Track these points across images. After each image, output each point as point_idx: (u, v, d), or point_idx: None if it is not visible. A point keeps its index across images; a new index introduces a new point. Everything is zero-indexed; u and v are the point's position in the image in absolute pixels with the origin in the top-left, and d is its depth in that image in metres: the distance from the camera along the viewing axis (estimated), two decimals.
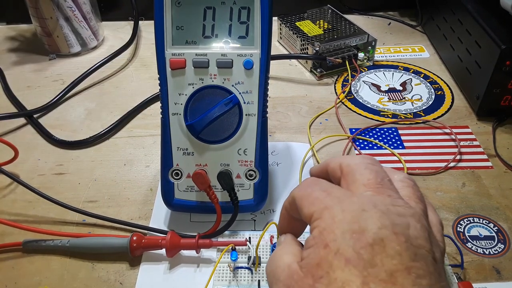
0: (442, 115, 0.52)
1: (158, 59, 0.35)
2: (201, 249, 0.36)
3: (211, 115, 0.35)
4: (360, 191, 0.24)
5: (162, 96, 0.36)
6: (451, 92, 0.56)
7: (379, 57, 0.64)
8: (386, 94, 0.56)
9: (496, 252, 0.36)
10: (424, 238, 0.22)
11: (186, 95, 0.36)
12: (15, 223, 0.38)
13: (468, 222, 0.39)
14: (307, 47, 0.60)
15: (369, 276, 0.20)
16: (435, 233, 0.24)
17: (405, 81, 0.59)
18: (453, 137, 0.48)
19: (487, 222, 0.39)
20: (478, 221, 0.39)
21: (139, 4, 0.71)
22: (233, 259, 0.34)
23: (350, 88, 0.57)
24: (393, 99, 0.55)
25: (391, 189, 0.24)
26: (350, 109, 0.54)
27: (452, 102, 0.54)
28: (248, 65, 0.35)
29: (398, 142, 0.48)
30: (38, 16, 0.62)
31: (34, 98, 0.57)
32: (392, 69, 0.61)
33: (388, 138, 0.49)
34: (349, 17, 0.66)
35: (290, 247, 0.26)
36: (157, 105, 0.53)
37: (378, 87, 0.58)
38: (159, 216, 0.40)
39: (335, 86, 0.58)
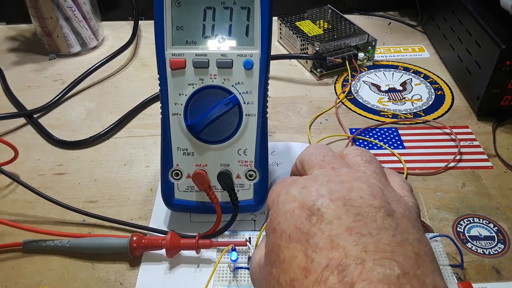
0: (442, 115, 0.52)
1: (158, 59, 0.35)
2: (201, 249, 0.36)
3: (211, 115, 0.35)
4: (309, 174, 0.25)
5: (162, 96, 0.36)
6: (451, 92, 0.56)
7: (379, 57, 0.64)
8: (386, 94, 0.56)
9: (496, 252, 0.36)
10: (371, 195, 0.21)
11: (186, 95, 0.36)
12: (15, 223, 0.38)
13: (468, 222, 0.39)
14: (307, 47, 0.60)
15: (310, 246, 0.20)
16: (398, 191, 0.24)
17: (405, 81, 0.59)
18: (453, 137, 0.48)
19: (487, 222, 0.39)
20: (478, 221, 0.39)
21: (139, 4, 0.71)
22: (233, 259, 0.34)
23: (350, 88, 0.57)
24: (393, 99, 0.55)
25: (335, 162, 0.25)
26: (350, 109, 0.54)
27: (452, 102, 0.55)
28: (248, 65, 0.35)
29: (398, 142, 0.48)
30: (38, 16, 0.62)
31: (34, 98, 0.57)
32: (392, 69, 0.61)
33: (388, 138, 0.49)
34: (349, 17, 0.66)
35: (260, 246, 0.26)
36: (157, 105, 0.53)
37: (378, 87, 0.58)
38: (159, 216, 0.40)
39: (335, 86, 0.58)
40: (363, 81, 0.59)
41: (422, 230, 0.22)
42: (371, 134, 0.50)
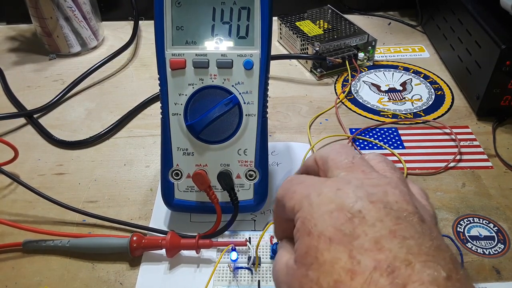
0: (442, 115, 0.52)
1: (158, 59, 0.35)
2: (201, 249, 0.36)
3: (211, 115, 0.35)
4: (335, 174, 0.25)
5: (162, 96, 0.36)
6: (451, 92, 0.56)
7: (379, 57, 0.64)
8: (386, 94, 0.56)
9: (496, 252, 0.36)
10: (405, 201, 0.21)
11: (186, 95, 0.36)
12: (15, 223, 0.38)
13: (468, 222, 0.39)
14: (307, 47, 0.60)
15: (354, 248, 0.20)
16: (419, 199, 0.24)
17: (405, 81, 0.59)
18: (453, 137, 0.48)
19: (487, 222, 0.39)
20: (478, 221, 0.39)
21: (139, 4, 0.71)
22: (233, 259, 0.34)
23: (350, 88, 0.57)
24: (393, 99, 0.55)
25: (364, 165, 0.25)
26: (350, 109, 0.54)
27: (452, 102, 0.54)
28: (248, 65, 0.35)
29: (398, 142, 0.48)
30: (38, 16, 0.62)
31: (34, 98, 0.57)
32: (392, 69, 0.61)
33: (388, 138, 0.49)
34: (349, 17, 0.66)
35: (286, 248, 0.26)
36: (157, 105, 0.53)
37: (378, 87, 0.58)
38: (159, 216, 0.40)
39: (335, 86, 0.58)
40: (363, 81, 0.59)
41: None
42: (371, 134, 0.50)
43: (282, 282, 0.25)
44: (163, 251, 0.35)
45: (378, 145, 0.48)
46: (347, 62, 0.59)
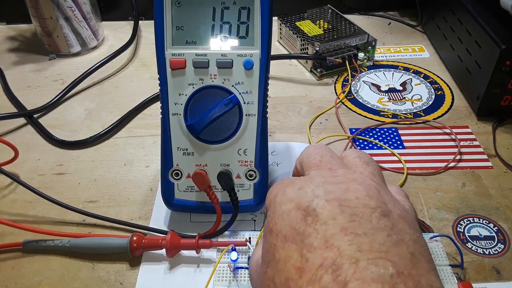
0: (442, 115, 0.52)
1: (158, 59, 0.35)
2: (201, 249, 0.36)
3: (211, 115, 0.35)
4: (306, 174, 0.26)
5: (162, 96, 0.36)
6: (451, 92, 0.56)
7: (379, 57, 0.64)
8: (386, 94, 0.56)
9: (496, 252, 0.36)
10: (367, 196, 0.22)
11: (186, 95, 0.36)
12: (15, 223, 0.38)
13: (468, 222, 0.39)
14: (307, 47, 0.60)
15: (305, 246, 0.20)
16: (394, 195, 0.24)
17: (405, 81, 0.59)
18: (453, 137, 0.48)
19: (487, 222, 0.39)
20: (478, 221, 0.39)
21: (139, 4, 0.71)
22: (233, 259, 0.34)
23: (350, 88, 0.57)
24: (393, 99, 0.55)
25: (332, 162, 0.25)
26: (350, 109, 0.54)
27: (452, 102, 0.54)
28: (248, 65, 0.35)
29: (398, 142, 0.48)
30: (38, 16, 0.62)
31: (34, 98, 0.57)
32: (392, 69, 0.61)
33: (388, 138, 0.49)
34: (349, 17, 0.66)
35: (260, 245, 0.26)
36: (157, 105, 0.53)
37: (378, 87, 0.58)
38: (159, 216, 0.40)
39: (335, 86, 0.58)
40: (363, 81, 0.59)
41: (419, 231, 0.22)
42: (371, 134, 0.50)
43: (252, 278, 0.26)
44: (163, 251, 0.35)
45: (378, 145, 0.48)
46: (347, 62, 0.59)
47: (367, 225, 0.20)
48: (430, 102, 0.54)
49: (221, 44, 0.35)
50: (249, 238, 0.36)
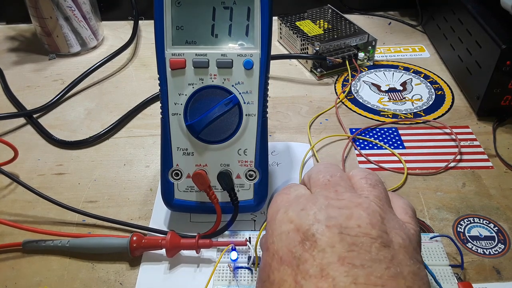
0: (443, 115, 0.52)
1: (158, 59, 0.35)
2: (201, 249, 0.36)
3: (211, 115, 0.35)
4: (313, 192, 0.25)
5: (162, 96, 0.36)
6: (452, 92, 0.56)
7: (379, 57, 0.64)
8: (386, 94, 0.56)
9: (496, 252, 0.36)
10: (370, 224, 0.21)
11: (186, 95, 0.36)
12: (15, 223, 0.38)
13: (468, 222, 0.39)
14: (307, 47, 0.60)
15: (300, 272, 0.20)
16: (400, 216, 0.24)
17: (405, 81, 0.59)
18: (453, 137, 0.48)
19: (487, 222, 0.39)
20: (478, 221, 0.39)
21: (139, 4, 0.71)
22: (233, 259, 0.34)
23: (350, 88, 0.57)
24: (393, 99, 0.55)
25: (339, 184, 0.25)
26: (350, 109, 0.54)
27: (453, 102, 0.54)
28: (248, 65, 0.35)
29: (398, 142, 0.48)
30: (38, 16, 0.62)
31: (34, 98, 0.57)
32: (392, 69, 0.61)
33: (388, 138, 0.49)
34: (349, 17, 0.66)
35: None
36: (157, 105, 0.53)
37: (378, 87, 0.58)
38: (159, 216, 0.40)
39: (335, 86, 0.58)
40: (363, 81, 0.59)
41: (421, 261, 0.21)
42: (371, 134, 0.49)
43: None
44: (163, 251, 0.35)
45: (378, 145, 0.48)
46: (347, 62, 0.59)
47: (366, 256, 0.20)
48: (430, 102, 0.54)
49: (221, 44, 0.35)
50: (249, 238, 0.36)
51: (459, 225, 0.39)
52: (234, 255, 0.34)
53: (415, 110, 0.53)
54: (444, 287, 0.32)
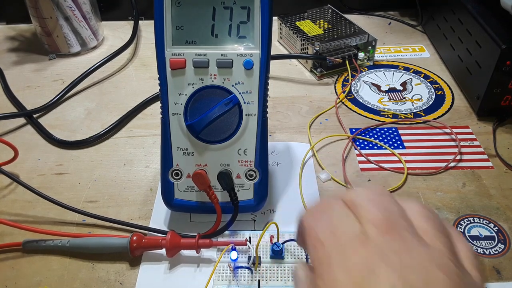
0: (443, 115, 0.52)
1: (158, 59, 0.35)
2: (201, 249, 0.36)
3: (211, 115, 0.35)
4: (368, 230, 0.20)
5: (162, 96, 0.36)
6: (452, 92, 0.56)
7: (379, 57, 0.64)
8: (386, 94, 0.56)
9: (496, 252, 0.36)
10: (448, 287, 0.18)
11: (186, 95, 0.36)
12: (15, 223, 0.38)
13: (469, 222, 0.39)
14: (307, 47, 0.60)
15: None
16: (468, 269, 0.20)
17: (405, 81, 0.59)
18: (453, 137, 0.48)
19: (488, 222, 0.39)
20: (479, 221, 0.39)
21: (139, 4, 0.71)
22: (233, 259, 0.34)
23: (350, 88, 0.57)
24: (393, 99, 0.55)
25: (402, 226, 0.20)
26: (350, 109, 0.54)
27: (453, 102, 0.54)
28: (248, 65, 0.35)
29: (398, 142, 0.48)
30: (38, 16, 0.62)
31: (34, 98, 0.57)
32: (392, 69, 0.61)
33: (388, 138, 0.49)
34: (349, 17, 0.66)
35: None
36: (157, 105, 0.53)
37: (378, 87, 0.58)
38: (159, 216, 0.40)
39: (335, 86, 0.58)
40: (363, 81, 0.59)
41: None
42: (371, 134, 0.49)
43: None
44: (163, 251, 0.35)
45: (378, 145, 0.48)
46: (347, 62, 0.59)
47: None
48: (430, 102, 0.54)
49: (221, 44, 0.35)
50: (249, 237, 0.36)
51: (459, 225, 0.39)
52: (234, 255, 0.34)
53: (415, 110, 0.53)
54: None
